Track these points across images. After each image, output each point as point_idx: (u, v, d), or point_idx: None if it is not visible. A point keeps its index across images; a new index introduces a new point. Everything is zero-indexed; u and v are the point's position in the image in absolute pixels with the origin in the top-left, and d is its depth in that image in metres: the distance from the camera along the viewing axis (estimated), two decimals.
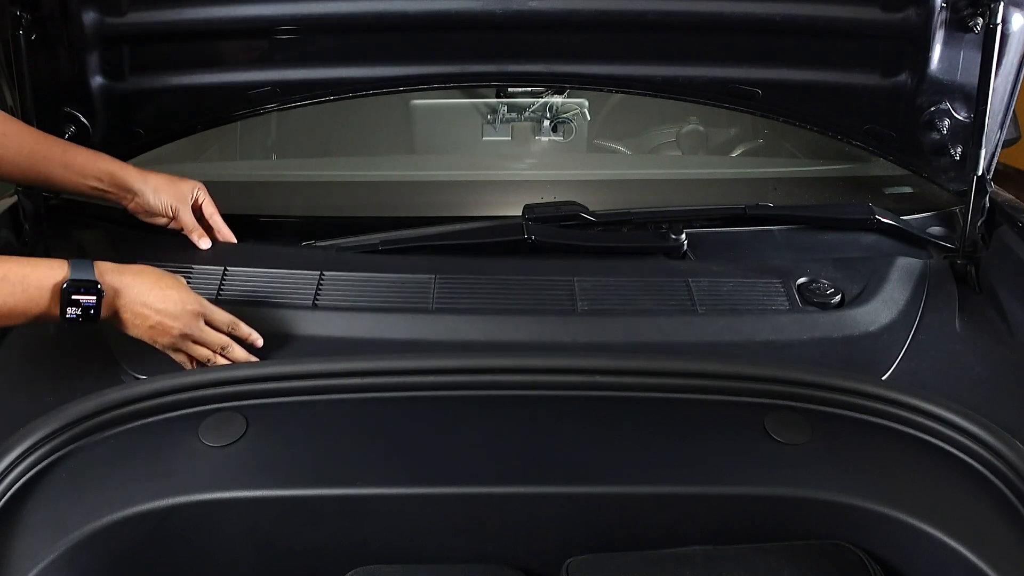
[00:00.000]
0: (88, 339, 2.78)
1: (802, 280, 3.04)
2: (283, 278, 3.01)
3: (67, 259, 2.50)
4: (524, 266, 3.14)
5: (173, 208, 3.06)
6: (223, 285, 2.96)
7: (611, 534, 2.54)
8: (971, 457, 2.46)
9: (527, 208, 3.25)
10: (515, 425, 2.66)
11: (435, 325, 2.86)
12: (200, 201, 3.14)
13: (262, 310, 2.88)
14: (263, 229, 3.29)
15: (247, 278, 3.00)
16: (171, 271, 2.83)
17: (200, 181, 3.46)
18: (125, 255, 3.09)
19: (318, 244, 3.22)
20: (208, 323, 2.68)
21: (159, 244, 3.24)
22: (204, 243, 3.10)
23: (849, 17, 3.15)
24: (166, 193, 3.05)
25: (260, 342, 2.76)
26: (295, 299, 2.93)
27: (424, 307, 2.92)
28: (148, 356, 2.72)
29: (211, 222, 3.16)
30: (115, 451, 2.53)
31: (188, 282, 2.85)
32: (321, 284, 2.98)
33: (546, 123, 4.11)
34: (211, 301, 2.78)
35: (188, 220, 3.10)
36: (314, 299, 2.94)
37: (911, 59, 3.16)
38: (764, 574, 2.40)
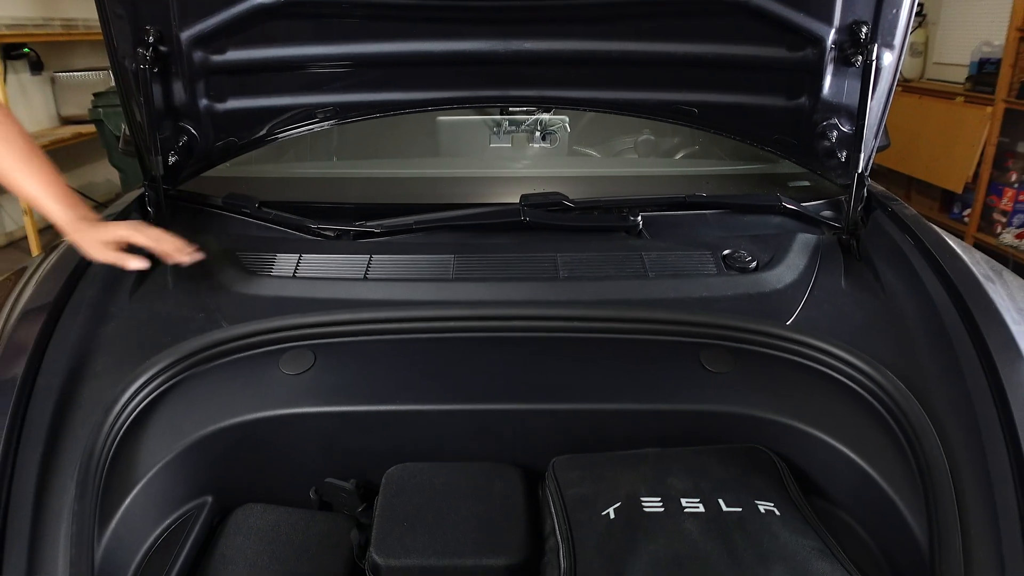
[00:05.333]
0: (194, 296, 2.80)
1: (727, 251, 3.05)
2: (342, 261, 3.04)
3: None
4: (520, 244, 3.17)
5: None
6: (299, 266, 2.99)
7: (585, 440, 2.59)
8: (854, 383, 2.50)
9: (523, 197, 3.25)
10: (513, 359, 2.72)
11: (454, 289, 2.88)
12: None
13: (327, 283, 2.93)
14: (326, 213, 3.29)
15: (316, 261, 3.03)
16: (257, 256, 3.05)
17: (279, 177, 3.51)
18: (231, 236, 3.22)
19: (368, 224, 3.22)
20: None
21: (257, 228, 3.28)
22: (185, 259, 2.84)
23: (762, 55, 3.15)
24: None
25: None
26: (351, 275, 2.96)
27: (446, 277, 2.94)
28: (241, 309, 2.74)
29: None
30: (216, 378, 2.60)
31: (273, 264, 3.01)
32: (370, 264, 3.01)
33: (537, 134, 4.12)
34: (289, 279, 2.94)
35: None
36: (365, 274, 2.96)
37: (809, 86, 3.16)
38: (699, 469, 2.41)
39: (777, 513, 2.26)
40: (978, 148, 9.00)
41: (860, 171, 3.17)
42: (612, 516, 2.25)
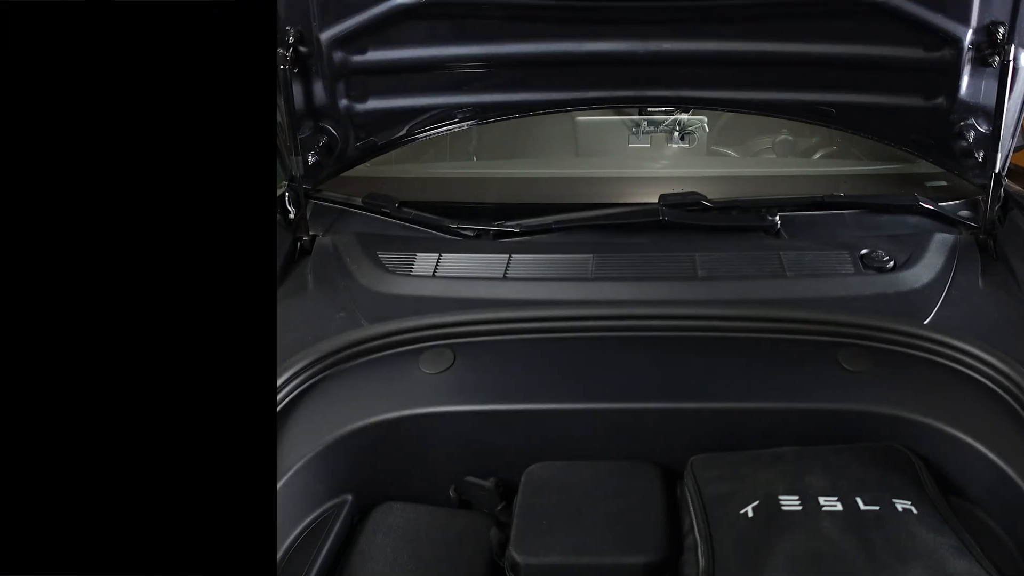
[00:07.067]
0: (334, 295, 2.87)
1: (864, 251, 3.03)
2: (482, 260, 3.06)
3: None
4: (658, 243, 3.17)
5: None
6: (438, 266, 3.01)
7: (723, 438, 2.58)
8: (991, 381, 2.49)
9: (662, 197, 3.28)
10: (652, 358, 2.72)
11: (593, 289, 2.90)
12: None
13: (466, 282, 2.96)
14: (466, 213, 3.34)
15: (456, 261, 3.06)
16: (397, 255, 3.05)
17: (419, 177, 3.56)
18: (371, 236, 3.25)
19: (507, 224, 3.26)
20: None
21: (397, 228, 3.33)
22: None
23: (900, 56, 3.14)
24: None
25: None
26: (491, 274, 2.98)
27: (585, 276, 2.95)
28: (381, 308, 2.80)
29: None
30: (356, 377, 2.65)
31: (412, 264, 3.03)
32: (510, 263, 3.02)
33: (676, 134, 4.11)
34: (429, 278, 2.95)
35: None
36: (504, 273, 2.98)
37: (946, 86, 3.14)
38: (837, 468, 2.40)
39: (915, 512, 2.24)
40: None
41: (997, 171, 3.14)
42: (750, 514, 2.25)
